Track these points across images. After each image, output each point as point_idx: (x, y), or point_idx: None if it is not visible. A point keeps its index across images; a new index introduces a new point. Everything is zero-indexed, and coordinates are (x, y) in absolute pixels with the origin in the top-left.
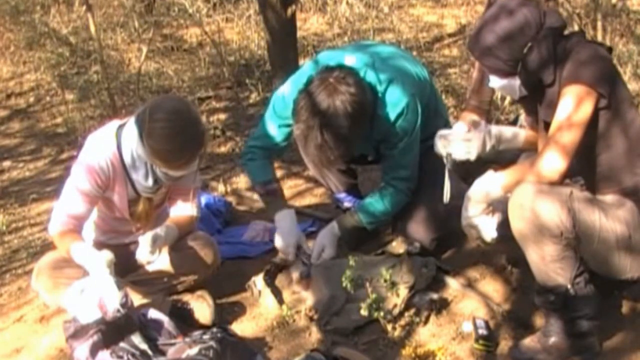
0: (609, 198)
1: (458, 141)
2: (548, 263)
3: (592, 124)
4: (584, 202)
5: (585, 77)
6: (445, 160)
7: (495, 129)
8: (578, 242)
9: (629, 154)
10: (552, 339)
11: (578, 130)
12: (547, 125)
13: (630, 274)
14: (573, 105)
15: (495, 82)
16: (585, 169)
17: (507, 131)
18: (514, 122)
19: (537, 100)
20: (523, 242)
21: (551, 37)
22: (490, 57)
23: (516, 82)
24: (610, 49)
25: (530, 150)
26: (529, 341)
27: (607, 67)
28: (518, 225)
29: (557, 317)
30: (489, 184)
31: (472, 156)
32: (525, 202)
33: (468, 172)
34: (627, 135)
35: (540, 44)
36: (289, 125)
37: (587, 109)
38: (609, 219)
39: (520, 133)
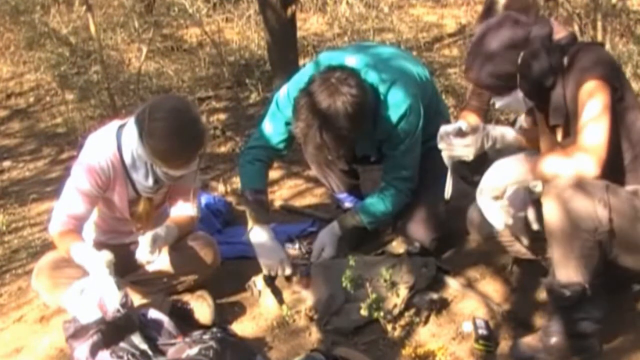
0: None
1: (456, 144)
2: (572, 259)
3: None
4: (620, 195)
5: (596, 73)
6: (446, 160)
7: (496, 130)
8: (612, 236)
9: (631, 154)
10: (554, 339)
11: (605, 121)
12: (552, 129)
13: None
14: (592, 100)
15: (499, 101)
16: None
17: (508, 133)
18: (513, 123)
19: (542, 107)
20: (552, 236)
21: (542, 44)
22: (486, 79)
23: (519, 94)
24: (602, 45)
25: (531, 149)
26: (530, 340)
27: (614, 65)
28: (552, 218)
29: (560, 316)
30: (519, 170)
31: (469, 157)
32: (562, 195)
33: (469, 171)
34: (629, 137)
35: (532, 52)
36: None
37: (605, 97)
38: None
39: (520, 134)
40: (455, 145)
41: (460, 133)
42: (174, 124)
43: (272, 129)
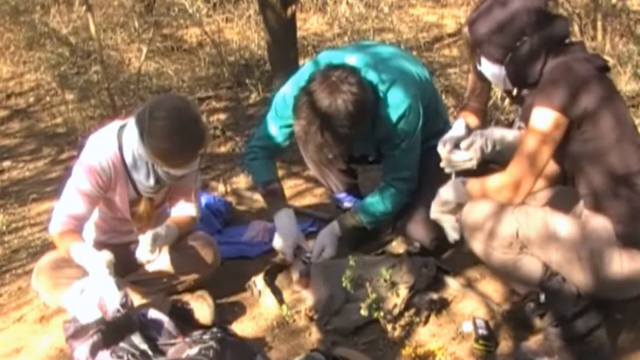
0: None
1: (458, 160)
2: (509, 276)
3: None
4: (531, 213)
5: (550, 100)
6: (448, 171)
7: (495, 132)
8: (531, 250)
9: (611, 176)
10: (555, 343)
11: (536, 165)
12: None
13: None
14: (538, 130)
15: (486, 67)
16: (579, 184)
17: (508, 133)
18: (511, 124)
19: (518, 99)
20: (483, 260)
21: (545, 40)
22: (488, 43)
23: (502, 72)
24: (607, 66)
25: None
26: (531, 344)
27: (576, 88)
28: (473, 246)
29: (553, 320)
30: (456, 191)
31: (474, 166)
32: (471, 223)
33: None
34: (607, 157)
35: (533, 41)
36: (290, 126)
37: (552, 134)
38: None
39: (519, 134)
40: (457, 161)
41: (458, 145)
42: (175, 124)
43: (271, 130)
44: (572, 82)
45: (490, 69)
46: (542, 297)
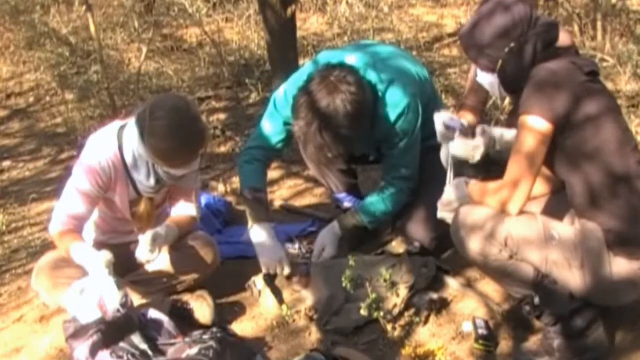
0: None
1: (464, 144)
2: (503, 280)
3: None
4: (520, 221)
5: (533, 107)
6: (446, 164)
7: (496, 131)
8: (521, 257)
9: (610, 174)
10: (555, 341)
11: (532, 165)
12: None
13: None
14: (524, 139)
15: (483, 77)
16: (573, 187)
17: (507, 133)
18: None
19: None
20: (476, 266)
21: (534, 45)
22: (481, 55)
23: (496, 80)
24: (595, 72)
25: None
26: (531, 343)
27: (559, 93)
28: (465, 251)
29: (552, 319)
30: (458, 192)
31: (475, 160)
32: (464, 229)
33: (475, 171)
34: (595, 162)
35: (522, 47)
36: (291, 124)
37: (539, 138)
38: (550, 244)
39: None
40: (462, 145)
41: (464, 132)
42: (175, 123)
43: (270, 128)
44: (556, 88)
45: (486, 79)
46: (537, 300)
